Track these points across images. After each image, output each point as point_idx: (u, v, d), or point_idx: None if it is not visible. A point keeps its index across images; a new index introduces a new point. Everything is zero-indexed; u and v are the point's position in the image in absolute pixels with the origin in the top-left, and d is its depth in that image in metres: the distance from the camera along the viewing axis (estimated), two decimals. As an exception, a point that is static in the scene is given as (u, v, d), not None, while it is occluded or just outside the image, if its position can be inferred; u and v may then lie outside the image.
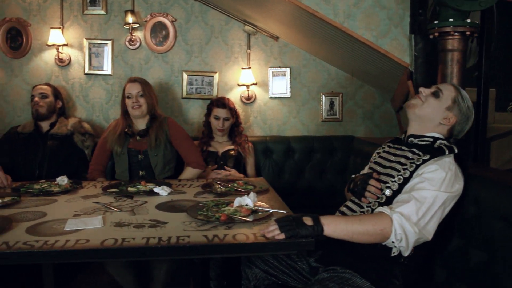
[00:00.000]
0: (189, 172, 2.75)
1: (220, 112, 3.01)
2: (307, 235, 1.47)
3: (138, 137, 2.75)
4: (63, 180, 2.37)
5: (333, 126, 3.55)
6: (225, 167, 2.96)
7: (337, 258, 1.75)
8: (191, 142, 2.86)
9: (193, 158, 2.77)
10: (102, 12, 3.36)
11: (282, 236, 1.46)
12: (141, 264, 2.73)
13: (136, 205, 1.92)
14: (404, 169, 1.69)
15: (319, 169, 3.39)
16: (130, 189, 2.22)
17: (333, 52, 3.22)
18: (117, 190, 2.21)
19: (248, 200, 1.83)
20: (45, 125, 2.99)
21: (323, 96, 3.50)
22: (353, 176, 2.03)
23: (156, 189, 2.16)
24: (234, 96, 3.41)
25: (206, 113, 3.14)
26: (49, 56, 3.38)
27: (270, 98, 3.48)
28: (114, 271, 2.54)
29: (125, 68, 3.41)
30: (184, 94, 3.43)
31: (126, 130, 2.74)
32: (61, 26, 3.33)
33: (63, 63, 3.37)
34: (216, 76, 3.43)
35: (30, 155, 2.88)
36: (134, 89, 2.72)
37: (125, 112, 2.79)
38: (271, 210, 1.76)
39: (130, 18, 3.25)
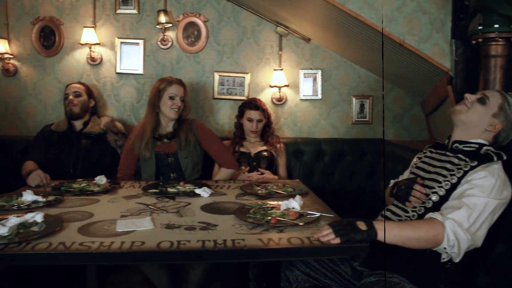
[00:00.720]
0: (224, 172, 2.74)
1: (253, 114, 3.00)
2: (361, 240, 1.48)
3: (165, 140, 2.71)
4: (101, 179, 2.37)
5: (363, 128, 3.54)
6: (259, 169, 2.96)
7: (383, 262, 1.75)
8: (221, 142, 2.86)
9: (225, 159, 2.76)
10: (135, 11, 3.35)
11: (337, 241, 1.47)
12: (176, 265, 2.74)
13: (180, 207, 1.93)
14: (451, 175, 1.69)
15: (349, 171, 3.39)
16: (170, 189, 2.22)
17: (366, 54, 3.21)
18: (157, 190, 2.21)
19: (294, 203, 1.83)
20: (78, 124, 2.99)
21: (354, 98, 3.49)
22: (396, 180, 2.03)
23: (197, 191, 2.17)
24: (265, 97, 3.41)
25: (237, 114, 3.12)
26: (81, 54, 3.38)
27: (301, 100, 3.48)
28: (149, 271, 2.56)
29: (156, 67, 3.41)
30: (215, 95, 3.43)
31: (153, 134, 2.68)
32: (94, 25, 3.32)
33: (94, 62, 3.38)
34: (248, 77, 3.42)
35: (64, 153, 2.88)
36: (178, 92, 2.67)
37: (154, 111, 2.71)
38: (318, 214, 1.77)
39: (163, 18, 3.25)
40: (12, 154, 3.23)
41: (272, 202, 1.94)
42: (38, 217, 1.64)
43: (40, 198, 1.97)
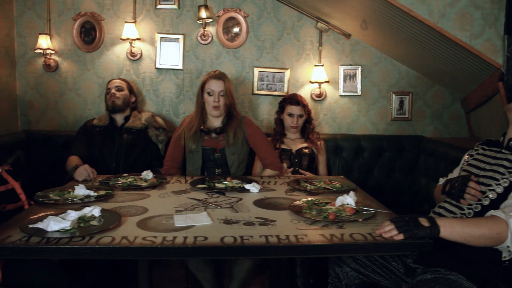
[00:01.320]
0: (268, 173, 2.73)
1: (294, 110, 2.99)
2: (424, 236, 1.47)
3: (213, 134, 2.69)
4: (148, 174, 2.38)
5: (402, 125, 3.51)
6: (300, 170, 2.94)
7: (438, 259, 1.73)
8: (269, 142, 2.83)
9: (272, 160, 2.73)
10: (175, 6, 3.35)
11: (401, 237, 1.46)
12: (220, 260, 2.74)
13: (232, 202, 1.92)
14: (509, 172, 1.66)
15: (387, 168, 3.37)
16: (218, 185, 2.22)
17: (408, 50, 3.18)
18: (206, 186, 2.21)
19: (349, 200, 1.82)
20: (119, 119, 2.99)
21: (393, 95, 3.46)
22: (448, 178, 2.00)
23: (247, 186, 2.17)
24: (305, 93, 3.39)
25: (278, 110, 3.11)
26: (121, 50, 3.39)
27: (340, 96, 3.46)
28: (194, 266, 2.55)
29: (196, 63, 3.40)
30: (255, 90, 3.42)
31: (201, 127, 2.68)
32: (134, 21, 3.33)
33: (134, 57, 3.38)
34: (287, 72, 3.41)
35: (106, 148, 2.88)
36: (217, 87, 2.60)
37: (201, 107, 2.69)
38: (374, 210, 1.75)
39: (203, 13, 3.24)
40: (53, 149, 3.25)
41: (323, 198, 1.94)
42: (96, 211, 1.65)
43: (92, 193, 1.99)
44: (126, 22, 3.28)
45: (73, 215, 1.57)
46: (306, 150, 3.00)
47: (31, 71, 3.41)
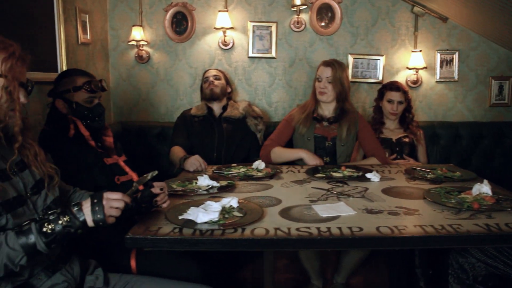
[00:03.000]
0: (371, 162, 2.61)
1: (394, 96, 2.91)
2: None
3: (325, 123, 2.63)
4: (260, 164, 2.33)
5: (501, 111, 3.39)
6: (404, 155, 2.87)
7: None
8: (377, 140, 2.75)
9: (378, 152, 2.63)
10: (267, -6, 3.32)
11: None
12: (328, 251, 2.71)
13: (360, 191, 1.86)
14: None
15: (487, 156, 3.26)
16: (334, 174, 2.17)
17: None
18: (324, 175, 2.16)
19: (485, 188, 1.76)
20: (217, 108, 2.96)
21: (492, 80, 3.34)
22: None
23: (368, 175, 2.11)
24: (400, 79, 3.28)
25: (376, 97, 3.04)
26: (213, 39, 3.37)
27: (436, 82, 3.37)
28: (304, 255, 2.51)
29: (289, 51, 3.36)
30: (349, 78, 3.34)
31: (314, 114, 2.63)
32: (226, 9, 3.30)
33: (226, 46, 3.36)
34: (382, 59, 3.34)
35: (206, 138, 2.86)
36: (325, 73, 2.55)
37: (314, 93, 2.64)
38: None
39: (298, 0, 3.19)
40: (148, 140, 3.26)
41: (449, 187, 1.88)
42: (234, 202, 1.60)
43: (215, 183, 1.95)
44: (219, 11, 3.26)
45: (216, 206, 1.53)
46: (407, 139, 2.93)
47: (123, 63, 3.43)
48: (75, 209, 1.23)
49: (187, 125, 2.90)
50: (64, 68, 2.74)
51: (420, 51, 3.25)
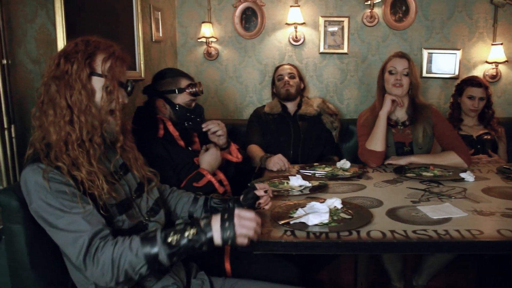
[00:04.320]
0: (454, 161, 2.36)
1: (475, 92, 2.80)
2: None
3: (400, 127, 2.45)
4: (346, 164, 2.27)
5: None
6: (489, 151, 2.77)
7: None
8: (457, 134, 2.56)
9: (461, 149, 2.37)
10: (338, -12, 3.25)
11: None
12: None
13: (459, 192, 1.78)
14: None
15: None
16: (423, 173, 2.09)
17: None
18: (414, 174, 2.09)
19: None
20: (291, 106, 2.91)
21: None
22: None
23: (462, 174, 2.02)
24: (477, 74, 3.19)
25: (454, 93, 2.93)
26: (283, 35, 3.33)
27: (516, 76, 3.24)
28: (388, 259, 2.45)
29: (361, 46, 3.29)
30: (424, 73, 3.26)
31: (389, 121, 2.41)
32: (298, 4, 3.25)
33: (297, 42, 3.31)
34: (459, 53, 3.23)
35: (282, 136, 2.81)
36: (400, 65, 2.37)
37: (381, 92, 2.46)
38: None
39: (372, -6, 3.12)
40: (217, 137, 3.24)
41: None
42: (337, 203, 1.55)
43: (307, 183, 1.91)
44: (291, 6, 3.21)
45: (324, 207, 1.49)
46: (488, 136, 2.82)
47: (191, 60, 3.42)
48: (204, 222, 1.16)
49: (262, 123, 2.86)
50: (142, 67, 2.76)
51: (501, 44, 3.13)
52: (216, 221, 1.16)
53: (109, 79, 1.25)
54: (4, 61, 1.48)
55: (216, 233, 1.15)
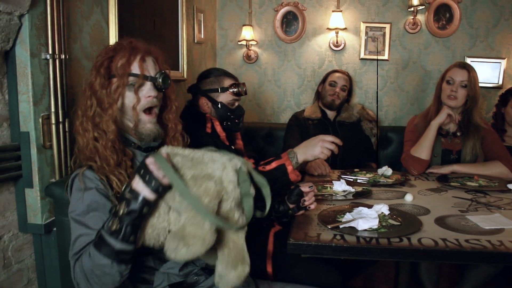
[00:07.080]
0: (499, 170, 2.32)
1: None
2: None
3: (450, 138, 2.43)
4: (388, 170, 2.26)
5: None
6: None
7: None
8: (503, 144, 2.49)
9: (507, 161, 2.32)
10: (381, -6, 3.23)
11: None
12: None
13: (509, 203, 1.75)
14: None
15: None
16: (469, 183, 2.07)
17: None
18: (458, 184, 2.06)
19: None
20: (330, 112, 2.89)
21: None
22: None
23: (509, 185, 2.00)
24: (521, 84, 3.15)
25: (498, 103, 2.88)
26: (323, 40, 3.33)
27: (562, 87, 3.17)
28: (425, 268, 2.42)
29: (402, 53, 3.26)
30: (466, 82, 3.22)
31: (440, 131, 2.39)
32: (340, 10, 3.24)
33: (338, 47, 3.30)
34: (504, 62, 3.18)
35: None
36: (458, 76, 2.32)
37: (437, 100, 2.43)
38: None
39: (415, 0, 3.08)
40: (255, 140, 3.26)
41: None
42: (385, 209, 1.55)
43: (351, 189, 1.91)
44: (333, 11, 3.20)
45: (372, 213, 1.48)
46: (537, 147, 2.77)
47: (230, 62, 3.44)
48: (126, 191, 1.05)
49: (301, 127, 2.86)
50: (185, 67, 2.79)
51: (550, 54, 3.08)
52: (136, 182, 1.04)
53: (120, 76, 1.21)
54: (63, 56, 1.52)
55: (144, 190, 1.03)
